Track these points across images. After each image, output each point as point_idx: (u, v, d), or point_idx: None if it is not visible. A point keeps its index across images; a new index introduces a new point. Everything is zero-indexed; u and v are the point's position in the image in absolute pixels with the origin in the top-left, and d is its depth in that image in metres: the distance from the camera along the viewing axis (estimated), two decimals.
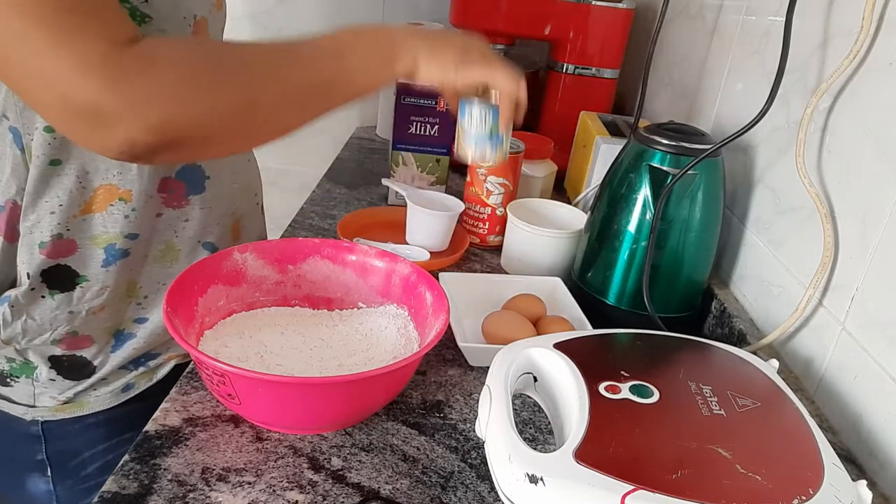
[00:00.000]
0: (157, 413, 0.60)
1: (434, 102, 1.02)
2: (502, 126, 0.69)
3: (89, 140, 0.51)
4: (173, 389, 0.63)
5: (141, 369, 0.76)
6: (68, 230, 0.66)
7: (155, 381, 0.77)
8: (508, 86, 0.67)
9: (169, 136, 0.51)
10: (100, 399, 0.74)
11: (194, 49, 0.54)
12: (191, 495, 0.52)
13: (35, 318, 0.68)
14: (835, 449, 0.50)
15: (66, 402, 0.72)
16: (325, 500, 0.53)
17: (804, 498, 0.44)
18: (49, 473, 0.75)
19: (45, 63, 0.46)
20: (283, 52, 0.58)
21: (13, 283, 0.68)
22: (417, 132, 1.05)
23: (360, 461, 0.57)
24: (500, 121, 0.69)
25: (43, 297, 0.67)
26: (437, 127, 1.04)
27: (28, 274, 0.66)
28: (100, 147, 0.51)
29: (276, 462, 0.56)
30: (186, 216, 0.73)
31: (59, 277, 0.67)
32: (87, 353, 0.72)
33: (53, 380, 0.71)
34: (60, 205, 0.65)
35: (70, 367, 0.71)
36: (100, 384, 0.73)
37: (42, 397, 0.72)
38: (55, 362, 0.71)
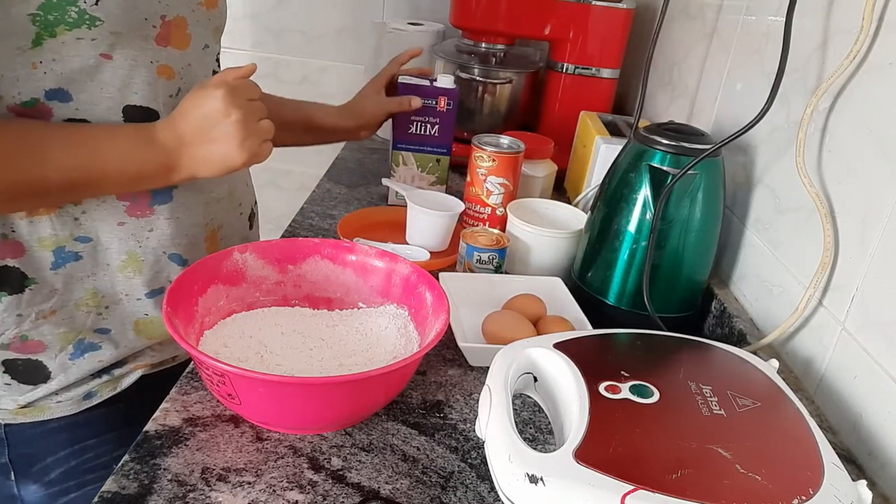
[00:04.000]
0: (157, 413, 0.60)
1: (434, 102, 1.02)
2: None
3: None
4: (173, 389, 0.63)
5: (105, 377, 0.74)
6: (13, 231, 0.65)
7: (119, 390, 0.75)
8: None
9: None
10: (61, 405, 0.72)
11: None
12: (191, 495, 0.52)
13: None
14: (835, 449, 0.50)
15: (25, 406, 0.71)
16: (325, 500, 0.53)
17: (804, 498, 0.44)
18: (13, 477, 0.74)
19: None
20: (33, 147, 0.60)
21: None
22: (417, 132, 1.05)
23: (360, 461, 0.57)
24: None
25: None
26: (437, 127, 1.04)
27: None
28: None
29: (276, 462, 0.56)
30: (151, 226, 0.71)
31: (6, 279, 0.66)
32: (42, 357, 0.70)
33: (9, 384, 0.70)
34: None
35: (25, 371, 0.70)
36: (61, 391, 0.72)
37: (3, 400, 0.70)
38: (9, 366, 0.69)
